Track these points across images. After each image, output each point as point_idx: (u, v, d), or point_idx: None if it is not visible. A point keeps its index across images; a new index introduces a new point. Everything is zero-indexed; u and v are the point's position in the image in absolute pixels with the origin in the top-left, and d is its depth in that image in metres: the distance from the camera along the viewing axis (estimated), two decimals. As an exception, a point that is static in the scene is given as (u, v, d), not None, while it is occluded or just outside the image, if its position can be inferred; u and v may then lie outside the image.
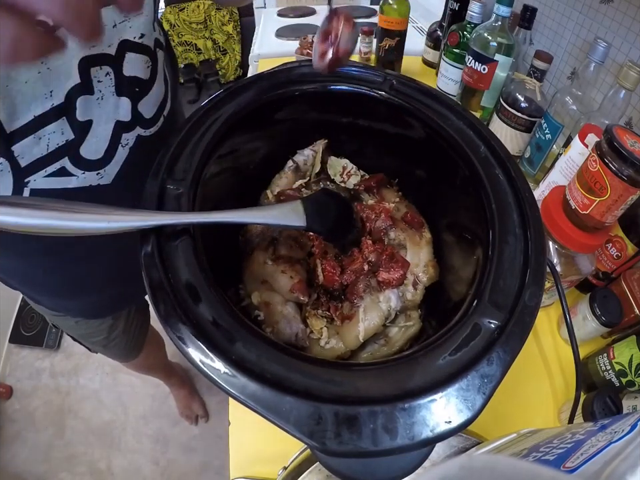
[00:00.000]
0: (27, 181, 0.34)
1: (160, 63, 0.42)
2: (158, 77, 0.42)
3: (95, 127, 0.37)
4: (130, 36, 0.37)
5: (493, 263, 0.27)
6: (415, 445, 0.20)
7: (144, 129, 0.42)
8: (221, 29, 2.27)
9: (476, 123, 0.34)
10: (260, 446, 0.40)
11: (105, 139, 0.38)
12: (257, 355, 0.22)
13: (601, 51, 0.51)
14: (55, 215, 0.23)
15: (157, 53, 0.41)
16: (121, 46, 0.36)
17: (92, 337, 0.66)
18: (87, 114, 0.36)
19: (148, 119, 0.42)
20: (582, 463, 0.17)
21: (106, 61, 0.35)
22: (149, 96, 0.41)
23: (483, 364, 0.22)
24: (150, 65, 0.40)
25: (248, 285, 0.37)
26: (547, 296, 0.51)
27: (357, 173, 0.44)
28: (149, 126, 0.42)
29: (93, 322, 0.63)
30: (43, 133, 0.33)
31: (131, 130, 0.40)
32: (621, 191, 0.38)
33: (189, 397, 1.19)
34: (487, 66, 0.72)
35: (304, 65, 0.38)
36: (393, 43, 0.89)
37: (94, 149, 0.38)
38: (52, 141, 0.34)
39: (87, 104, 0.35)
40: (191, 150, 0.30)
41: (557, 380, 0.47)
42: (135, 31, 0.37)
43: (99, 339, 0.67)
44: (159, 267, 0.24)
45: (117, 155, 0.40)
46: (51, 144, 0.34)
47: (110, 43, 0.35)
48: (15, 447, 1.16)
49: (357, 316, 0.34)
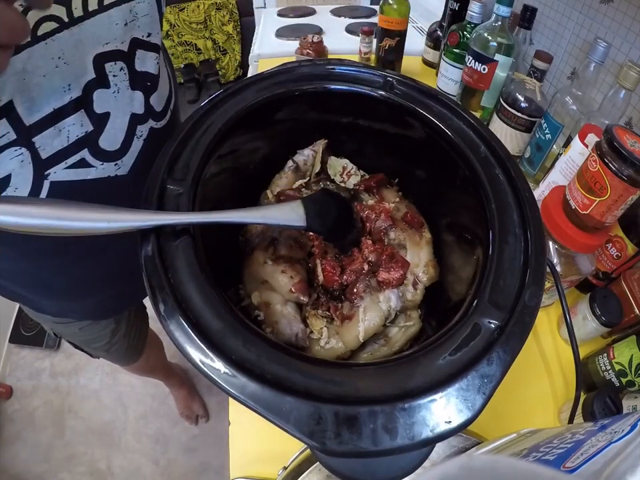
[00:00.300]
0: (47, 173, 0.35)
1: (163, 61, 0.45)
2: (162, 74, 0.44)
3: (113, 119, 0.38)
4: (139, 34, 0.39)
5: (493, 262, 0.27)
6: (415, 445, 0.20)
7: (155, 122, 0.44)
8: (221, 28, 2.27)
9: (476, 123, 0.34)
10: (260, 446, 0.40)
11: (122, 131, 0.40)
12: (256, 355, 0.22)
13: (601, 50, 0.51)
14: (55, 214, 0.23)
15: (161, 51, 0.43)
16: (132, 43, 0.38)
17: (94, 343, 0.67)
18: (104, 106, 0.37)
19: (158, 112, 0.44)
20: (582, 463, 0.17)
21: (120, 57, 0.37)
22: (159, 90, 0.43)
23: (483, 364, 0.22)
24: (158, 62, 0.42)
25: (248, 285, 0.37)
26: (547, 296, 0.51)
27: (357, 173, 0.44)
28: (159, 118, 0.45)
29: (96, 327, 0.63)
30: (62, 125, 0.34)
31: (144, 122, 0.42)
32: (621, 191, 0.38)
33: (188, 397, 1.19)
34: (487, 66, 0.72)
35: (304, 65, 0.38)
36: (392, 43, 0.89)
37: (112, 140, 0.39)
38: (72, 132, 0.35)
39: (104, 97, 0.37)
40: (191, 150, 0.30)
41: (557, 380, 0.47)
42: (142, 30, 0.39)
43: (101, 344, 0.67)
44: (159, 266, 0.24)
45: (133, 146, 0.42)
46: (71, 136, 0.35)
47: (123, 40, 0.37)
48: (15, 447, 1.16)
49: (356, 316, 0.34)
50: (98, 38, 0.34)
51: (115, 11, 0.35)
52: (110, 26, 0.35)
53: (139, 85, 0.40)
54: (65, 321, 0.59)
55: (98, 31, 0.34)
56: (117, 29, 0.36)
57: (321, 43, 1.00)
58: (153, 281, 0.23)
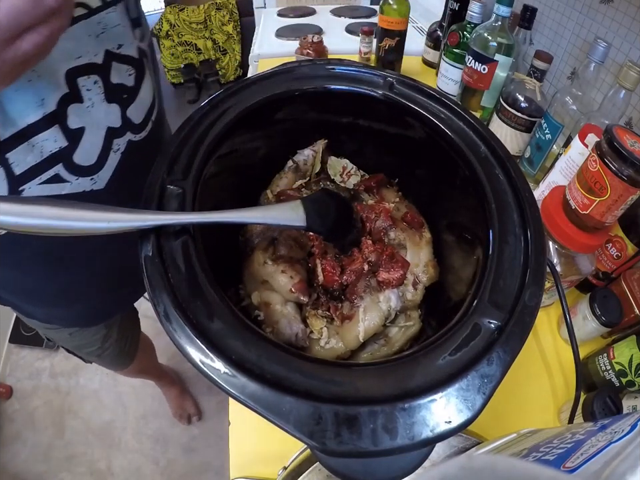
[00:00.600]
0: (21, 189, 0.35)
1: (147, 71, 0.43)
2: (144, 85, 0.43)
3: (88, 133, 0.37)
4: (110, 46, 0.37)
5: (493, 262, 0.27)
6: (415, 445, 0.20)
7: (134, 134, 0.43)
8: (221, 28, 2.27)
9: (476, 123, 0.34)
10: (260, 446, 0.40)
11: (98, 145, 0.39)
12: (257, 355, 0.22)
13: (601, 51, 0.51)
14: (55, 214, 0.23)
15: (142, 60, 0.42)
16: (107, 55, 0.37)
17: (86, 348, 0.67)
18: (79, 121, 0.36)
19: (137, 124, 0.43)
20: (582, 463, 0.17)
21: (94, 70, 0.36)
22: (137, 102, 0.42)
23: (483, 364, 0.22)
24: (133, 73, 0.41)
25: (248, 285, 0.37)
26: (547, 296, 0.51)
27: (357, 173, 0.44)
28: (138, 131, 0.43)
29: (86, 332, 0.63)
30: (36, 141, 0.34)
31: (121, 135, 0.41)
32: (621, 191, 0.38)
33: (180, 396, 1.19)
34: (487, 66, 0.72)
35: (304, 65, 0.38)
36: (392, 43, 0.89)
37: (87, 156, 0.38)
38: (45, 148, 0.35)
39: (78, 112, 0.36)
40: (191, 150, 0.30)
41: (557, 380, 0.47)
42: (113, 42, 0.38)
43: (92, 349, 0.67)
44: (159, 267, 0.24)
45: (110, 160, 0.41)
46: (45, 151, 0.35)
47: (96, 52, 0.36)
48: (14, 447, 1.16)
49: (356, 316, 0.34)
50: (69, 52, 0.34)
51: (83, 24, 0.34)
52: (80, 39, 0.34)
53: (115, 98, 0.39)
54: (54, 327, 0.59)
55: (68, 45, 0.33)
56: (88, 42, 0.35)
57: (321, 43, 1.00)
58: (153, 280, 0.23)
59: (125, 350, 0.76)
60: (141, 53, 0.42)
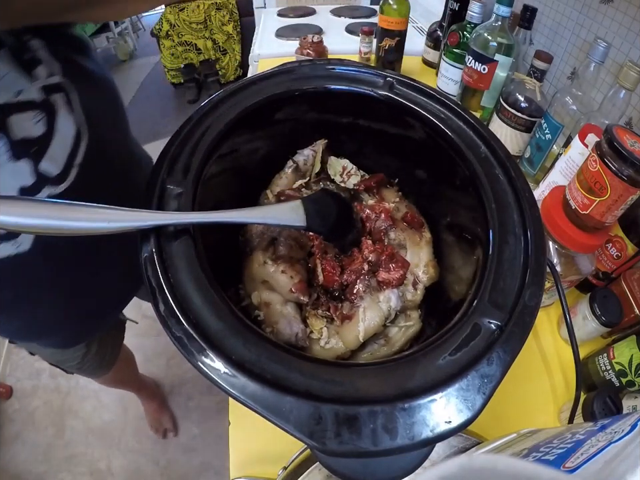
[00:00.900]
0: None
1: (63, 107, 0.37)
2: (60, 126, 0.37)
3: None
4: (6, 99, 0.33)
5: (493, 262, 0.27)
6: (415, 444, 0.20)
7: (54, 187, 0.37)
8: (221, 28, 2.27)
9: (476, 122, 0.34)
10: (260, 446, 0.40)
11: None
12: (257, 355, 0.22)
13: (601, 51, 0.51)
14: (55, 214, 0.23)
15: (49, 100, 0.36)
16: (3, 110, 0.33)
17: (66, 363, 0.68)
18: None
19: (54, 177, 0.37)
20: (582, 463, 0.17)
21: None
22: (51, 150, 0.36)
23: (483, 364, 0.22)
24: (41, 118, 0.35)
25: (248, 285, 0.37)
26: (547, 296, 0.51)
27: (357, 173, 0.44)
28: (58, 182, 0.38)
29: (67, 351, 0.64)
30: None
31: (37, 192, 0.36)
32: (621, 191, 0.38)
33: (158, 410, 1.18)
34: (487, 66, 0.72)
35: (304, 65, 0.38)
36: (392, 43, 0.89)
37: None
38: None
39: None
40: (191, 150, 0.30)
41: (557, 380, 0.47)
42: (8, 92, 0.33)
43: (73, 364, 0.68)
44: (159, 267, 0.24)
45: None
46: None
47: None
48: (14, 447, 1.16)
49: (356, 316, 0.34)
50: None
51: None
52: None
53: (23, 154, 0.34)
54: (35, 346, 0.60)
55: None
56: None
57: (321, 43, 1.00)
58: (153, 281, 0.23)
59: (105, 361, 0.77)
60: (49, 91, 0.36)
